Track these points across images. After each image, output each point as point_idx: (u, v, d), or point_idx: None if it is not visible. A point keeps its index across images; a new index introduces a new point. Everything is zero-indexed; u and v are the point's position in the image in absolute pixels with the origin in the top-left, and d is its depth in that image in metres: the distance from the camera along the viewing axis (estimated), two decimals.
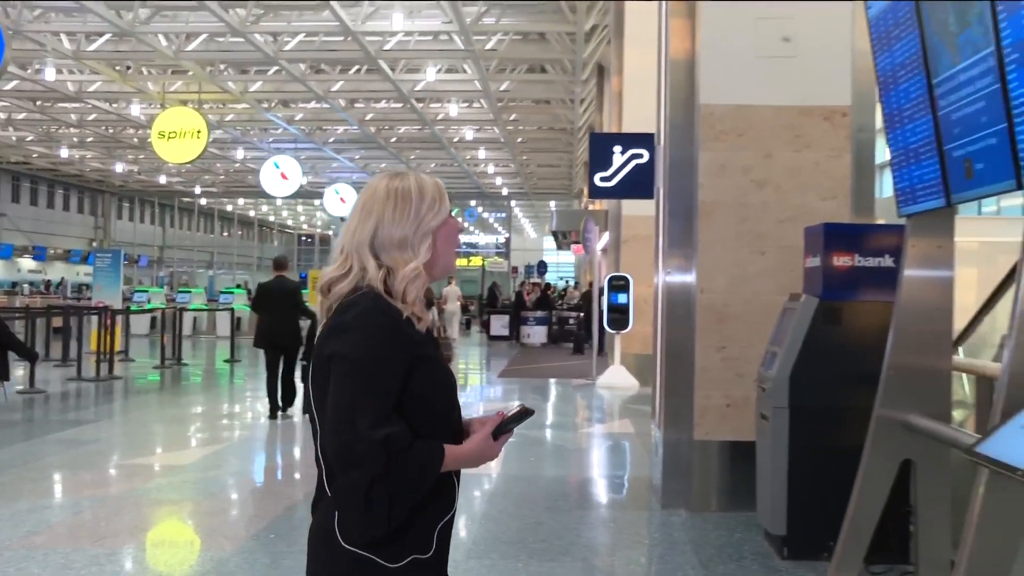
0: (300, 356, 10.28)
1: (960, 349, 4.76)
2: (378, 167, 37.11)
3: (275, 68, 19.57)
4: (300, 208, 55.78)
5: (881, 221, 6.29)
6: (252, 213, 55.56)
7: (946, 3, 3.17)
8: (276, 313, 10.13)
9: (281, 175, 22.69)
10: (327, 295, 1.96)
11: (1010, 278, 3.98)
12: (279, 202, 48.18)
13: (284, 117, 25.67)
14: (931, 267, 3.80)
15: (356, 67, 20.53)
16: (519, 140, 29.83)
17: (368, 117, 25.84)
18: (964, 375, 4.66)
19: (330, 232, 52.01)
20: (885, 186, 4.48)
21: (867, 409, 3.86)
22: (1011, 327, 2.79)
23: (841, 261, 4.65)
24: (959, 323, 4.60)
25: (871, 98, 5.27)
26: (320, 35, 17.58)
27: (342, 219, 38.27)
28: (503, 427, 1.94)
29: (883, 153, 4.36)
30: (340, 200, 29.89)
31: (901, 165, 3.81)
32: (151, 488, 6.71)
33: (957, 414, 4.80)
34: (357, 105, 24.70)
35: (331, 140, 30.08)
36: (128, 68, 20.05)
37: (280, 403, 10.15)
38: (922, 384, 3.74)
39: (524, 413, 1.98)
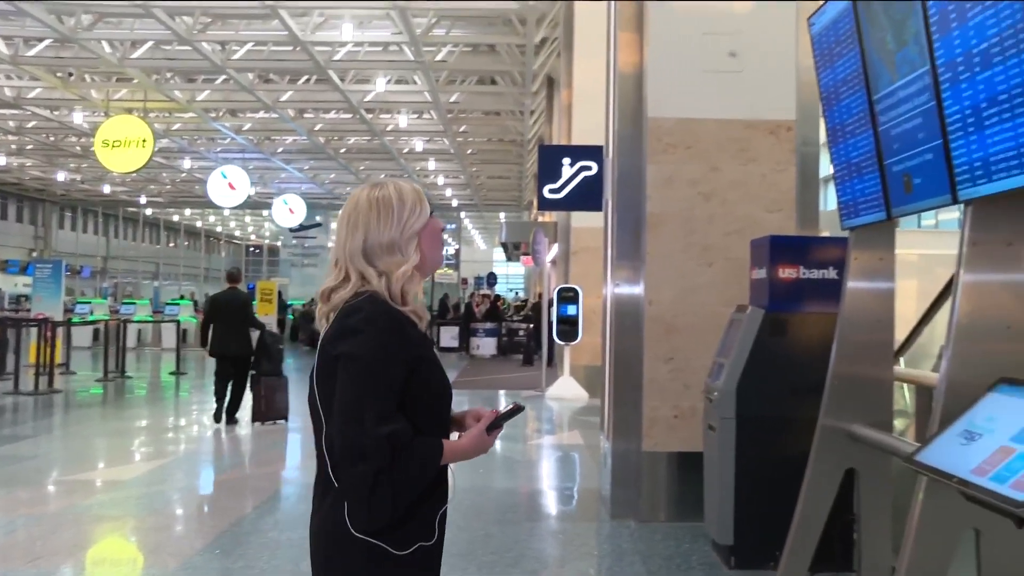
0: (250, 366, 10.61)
1: (901, 359, 4.84)
2: (327, 178, 36.93)
3: (223, 77, 19.35)
4: (248, 219, 55.21)
5: (826, 233, 6.39)
6: (199, 223, 54.82)
7: (884, 22, 3.24)
8: (228, 324, 10.46)
9: (229, 185, 22.41)
10: (327, 302, 2.10)
11: (947, 290, 4.06)
12: (227, 212, 47.67)
13: (232, 127, 25.37)
14: (873, 279, 3.86)
15: (305, 77, 20.38)
16: (469, 151, 29.83)
17: (317, 127, 25.66)
18: (905, 385, 4.74)
19: (279, 243, 51.48)
20: (829, 199, 4.56)
21: (812, 419, 3.90)
22: (948, 338, 2.85)
23: (786, 273, 4.71)
24: (900, 334, 4.68)
25: (815, 113, 5.37)
26: (269, 44, 17.43)
27: (291, 230, 37.97)
28: (496, 423, 2.08)
29: (827, 167, 4.43)
30: (289, 211, 29.64)
31: (844, 179, 3.87)
32: (91, 505, 6.56)
33: (898, 423, 4.88)
34: (306, 115, 24.52)
35: (280, 150, 29.81)
36: (70, 75, 19.68)
37: (227, 411, 10.43)
38: (865, 394, 3.80)
39: (516, 410, 2.14)
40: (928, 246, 10.43)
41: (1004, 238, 2.85)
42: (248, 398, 10.64)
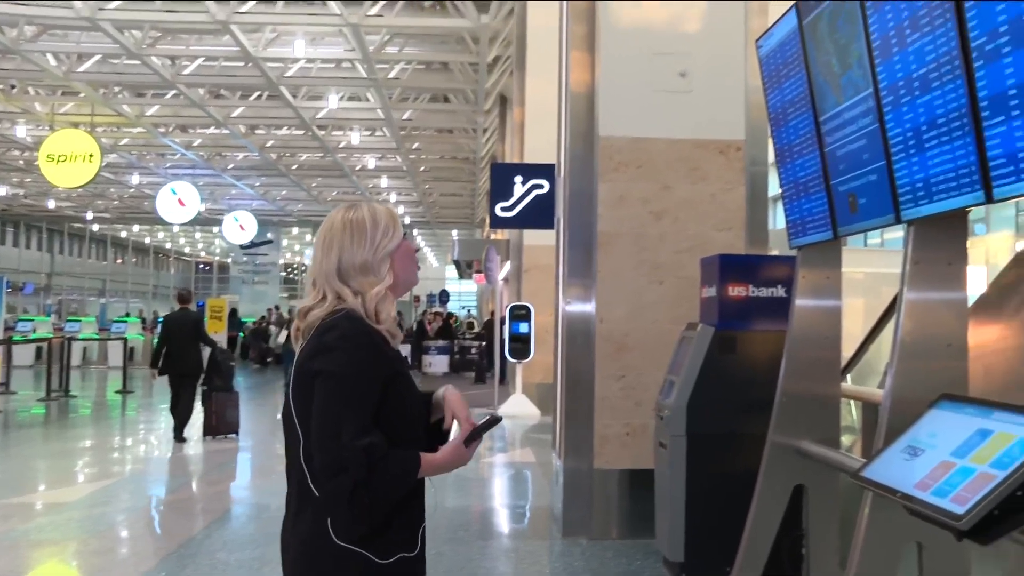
0: (201, 382, 11.04)
1: (848, 376, 4.92)
2: (279, 195, 36.64)
3: (173, 92, 19.14)
4: (198, 235, 54.54)
5: (775, 252, 6.48)
6: (148, 240, 54.03)
7: (829, 46, 3.31)
8: (180, 343, 10.91)
9: (179, 201, 22.12)
10: (303, 320, 2.16)
11: (892, 308, 4.13)
12: (176, 229, 47.04)
13: (182, 142, 25.11)
14: (820, 297, 3.91)
15: (257, 93, 20.25)
16: (422, 169, 29.82)
17: (269, 144, 25.50)
18: (852, 401, 4.81)
19: (229, 260, 50.91)
20: (778, 218, 4.63)
21: (761, 436, 3.94)
22: (892, 355, 2.90)
23: (736, 291, 4.75)
24: (847, 351, 4.75)
25: (764, 133, 5.45)
26: (220, 60, 17.30)
27: (242, 247, 37.56)
28: (473, 435, 2.12)
29: (775, 186, 4.49)
30: (239, 227, 29.35)
31: (791, 198, 3.93)
32: (30, 528, 6.39)
33: (845, 439, 4.95)
34: (258, 131, 24.35)
35: (231, 167, 29.55)
36: (13, 87, 19.34)
37: (175, 431, 10.77)
38: (813, 411, 3.84)
39: (492, 422, 2.16)
40: (874, 264, 10.65)
41: (945, 257, 2.91)
42: (199, 413, 10.87)
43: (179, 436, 10.66)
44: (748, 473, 4.04)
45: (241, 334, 28.29)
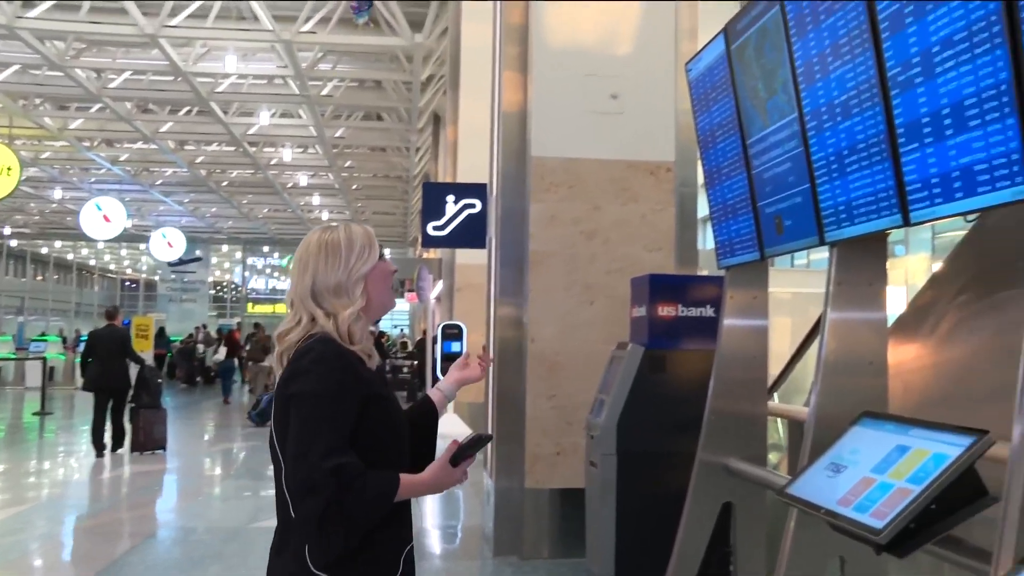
0: (129, 398, 11.24)
1: (775, 394, 5.00)
2: (208, 211, 36.08)
3: (98, 105, 18.74)
4: (124, 252, 53.33)
5: (704, 272, 6.57)
6: (71, 256, 52.63)
7: (756, 71, 3.38)
8: (106, 359, 11.14)
9: (104, 217, 21.65)
10: (281, 343, 2.16)
11: (817, 327, 4.22)
12: (101, 245, 45.93)
13: (108, 157, 24.58)
14: (748, 316, 3.98)
15: (187, 108, 19.94)
16: (354, 187, 29.65)
17: (199, 160, 25.11)
18: (779, 419, 4.89)
19: (156, 277, 49.89)
20: (708, 238, 4.70)
21: (690, 454, 3.98)
22: (816, 374, 2.96)
23: (665, 311, 4.80)
24: (774, 369, 4.83)
25: (693, 155, 5.53)
26: (148, 73, 17.00)
27: (169, 264, 36.87)
28: (461, 454, 2.09)
29: (705, 207, 4.56)
30: (168, 244, 28.82)
31: (720, 220, 4.00)
32: None
33: (772, 456, 5.03)
34: (187, 147, 23.97)
35: (159, 182, 29.01)
36: None
37: (111, 443, 11.04)
38: (740, 429, 3.90)
39: (480, 439, 2.15)
40: (801, 284, 10.86)
41: (866, 278, 2.99)
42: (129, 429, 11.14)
43: (115, 448, 11.02)
44: (677, 491, 4.07)
45: (169, 353, 27.74)
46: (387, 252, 2.50)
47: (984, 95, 2.15)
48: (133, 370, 11.39)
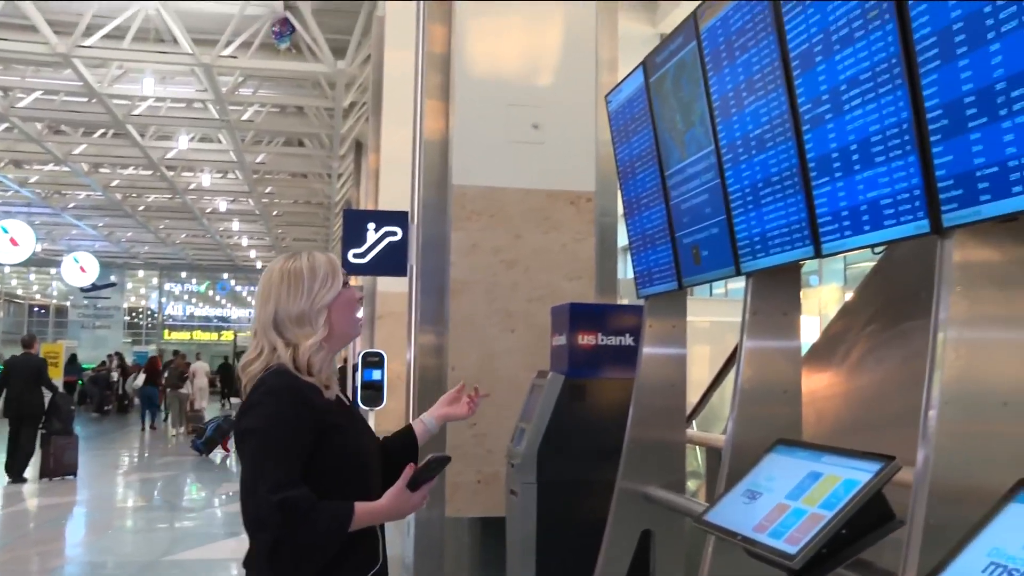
0: (40, 424, 11.68)
1: (694, 422, 5.06)
2: (124, 236, 35.23)
3: (5, 125, 18.18)
4: (33, 276, 51.64)
5: (625, 301, 6.64)
6: None
7: (674, 103, 3.45)
8: (22, 387, 11.59)
9: (11, 240, 20.96)
10: (244, 374, 2.15)
11: (734, 356, 4.29)
12: (8, 270, 44.41)
13: (16, 179, 23.82)
14: (666, 345, 4.03)
15: (102, 130, 19.48)
16: (275, 213, 29.28)
17: (114, 183, 24.51)
18: (697, 447, 4.95)
19: (67, 303, 48.39)
20: (628, 268, 4.75)
21: (610, 482, 4.00)
22: (733, 402, 3.00)
23: (585, 340, 4.83)
24: (693, 397, 4.90)
25: (614, 185, 5.60)
26: (61, 94, 16.57)
27: (82, 289, 35.88)
28: (418, 478, 2.07)
29: (624, 237, 4.62)
30: (80, 269, 28.06)
31: (639, 249, 4.05)
32: None
33: (692, 484, 5.08)
34: (102, 170, 23.40)
35: (71, 205, 28.22)
36: None
37: (15, 468, 11.48)
38: (659, 457, 3.93)
39: (437, 461, 2.14)
40: (719, 313, 11.08)
41: (781, 308, 3.05)
42: (38, 455, 11.65)
43: (17, 477, 11.32)
44: (597, 519, 4.08)
45: (80, 380, 26.95)
46: (354, 280, 2.50)
47: (888, 132, 2.22)
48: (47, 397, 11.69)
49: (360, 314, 2.40)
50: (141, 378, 22.35)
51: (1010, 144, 1.87)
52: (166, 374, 20.89)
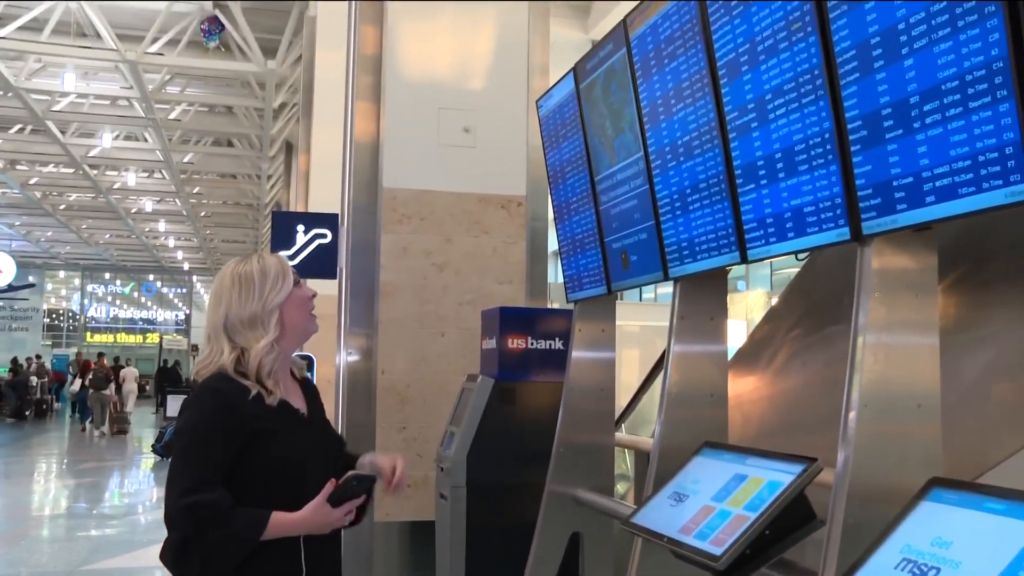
0: None
1: (623, 425, 5.11)
2: (43, 236, 34.27)
3: None
4: None
5: (555, 306, 6.68)
6: None
7: (604, 109, 3.48)
8: None
9: None
10: (199, 378, 2.16)
11: (662, 360, 4.35)
12: None
13: None
14: (596, 349, 4.06)
15: (19, 126, 18.91)
16: (203, 214, 28.76)
17: (33, 181, 23.80)
18: (626, 450, 5.00)
19: None
20: (558, 272, 4.77)
21: (540, 485, 4.02)
22: (660, 405, 3.05)
23: (515, 343, 4.84)
24: (623, 401, 4.95)
25: (544, 189, 5.62)
26: None
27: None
28: (339, 495, 2.05)
29: (555, 241, 4.65)
30: None
31: (568, 254, 4.08)
32: None
33: (621, 487, 5.13)
34: (19, 167, 22.70)
35: None
36: None
37: None
38: (588, 460, 3.96)
39: (359, 480, 2.11)
40: (648, 318, 11.20)
41: (708, 312, 3.10)
42: None
43: None
44: (527, 522, 4.09)
45: None
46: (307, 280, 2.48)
47: (811, 142, 2.28)
48: None
49: (314, 311, 2.40)
50: (77, 383, 22.34)
51: (924, 156, 1.93)
52: (90, 376, 21.02)
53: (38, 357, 30.01)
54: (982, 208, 1.81)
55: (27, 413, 24.95)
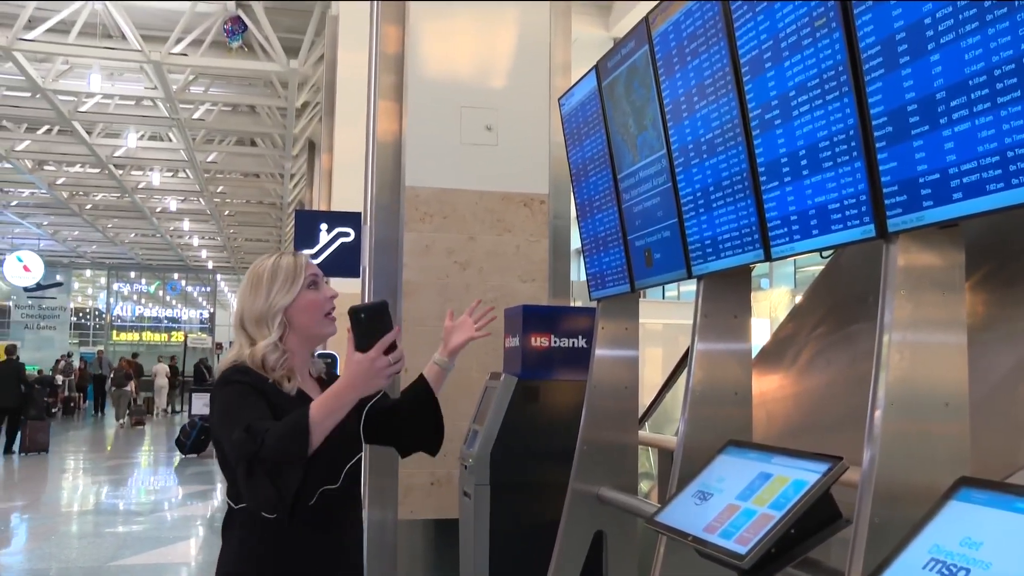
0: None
1: (646, 424, 5.10)
2: (70, 235, 34.61)
3: None
4: None
5: (578, 304, 6.66)
6: None
7: (626, 107, 3.47)
8: (5, 385, 15.47)
9: None
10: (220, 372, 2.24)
11: (685, 359, 4.33)
12: None
13: None
14: (619, 347, 4.05)
15: (47, 127, 19.10)
16: (226, 213, 28.95)
17: (60, 181, 24.05)
18: (649, 448, 4.99)
19: (9, 303, 47.33)
20: (580, 270, 4.77)
21: (563, 483, 4.01)
22: (684, 404, 3.03)
23: (538, 341, 4.84)
24: (646, 399, 4.93)
25: (567, 187, 5.62)
26: (2, 88, 16.22)
27: (26, 289, 35.19)
28: (362, 337, 1.99)
29: (577, 239, 4.64)
30: (24, 268, 27.54)
31: (591, 252, 4.07)
32: None
33: (644, 485, 5.12)
34: (47, 167, 22.93)
35: (14, 203, 27.64)
36: None
37: (5, 447, 15.66)
38: (612, 458, 3.95)
39: (368, 309, 2.06)
40: (671, 316, 11.17)
41: (731, 310, 3.09)
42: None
43: (8, 451, 15.57)
44: (550, 520, 4.09)
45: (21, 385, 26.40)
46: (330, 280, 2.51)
47: (835, 138, 2.26)
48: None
49: (333, 313, 2.41)
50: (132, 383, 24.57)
51: (950, 152, 1.91)
52: (112, 375, 24.05)
53: (68, 356, 30.31)
54: (1010, 205, 1.79)
55: (54, 411, 25.25)
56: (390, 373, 2.04)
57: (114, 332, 47.51)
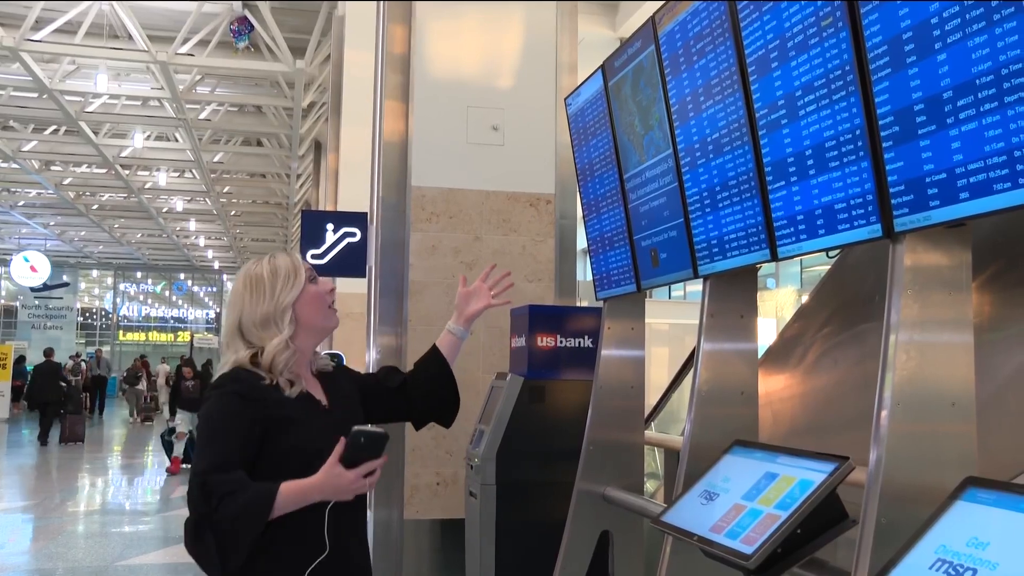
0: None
1: (652, 424, 5.09)
2: (77, 235, 34.69)
3: None
4: None
5: (583, 303, 6.66)
6: None
7: (632, 107, 3.47)
8: (45, 382, 18.24)
9: None
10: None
11: (692, 358, 4.33)
12: None
13: None
14: (625, 347, 4.04)
15: (53, 127, 19.14)
16: (232, 213, 28.98)
17: (67, 181, 24.10)
18: (656, 448, 4.98)
19: (16, 303, 47.44)
20: (587, 270, 4.76)
21: (569, 483, 4.01)
22: (690, 403, 3.03)
23: (544, 341, 4.84)
24: (652, 399, 4.93)
25: (573, 187, 5.62)
26: (9, 88, 16.25)
27: (33, 289, 35.30)
28: (350, 455, 2.03)
29: (584, 239, 4.64)
30: (31, 268, 27.59)
31: (597, 252, 4.07)
32: None
33: (650, 485, 5.12)
34: (54, 167, 22.99)
35: (21, 204, 27.70)
36: None
37: (42, 436, 17.30)
38: (618, 458, 3.95)
39: (367, 437, 2.06)
40: (677, 316, 11.17)
41: (737, 310, 3.08)
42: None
43: (45, 441, 17.08)
44: (556, 520, 4.09)
45: (27, 382, 26.45)
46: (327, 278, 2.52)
47: (842, 138, 2.26)
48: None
49: (333, 305, 2.42)
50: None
51: (957, 151, 1.91)
52: (124, 374, 25.76)
53: (77, 356, 30.37)
54: (1017, 204, 1.78)
55: (62, 412, 25.35)
56: (359, 492, 2.17)
57: (120, 332, 47.60)
